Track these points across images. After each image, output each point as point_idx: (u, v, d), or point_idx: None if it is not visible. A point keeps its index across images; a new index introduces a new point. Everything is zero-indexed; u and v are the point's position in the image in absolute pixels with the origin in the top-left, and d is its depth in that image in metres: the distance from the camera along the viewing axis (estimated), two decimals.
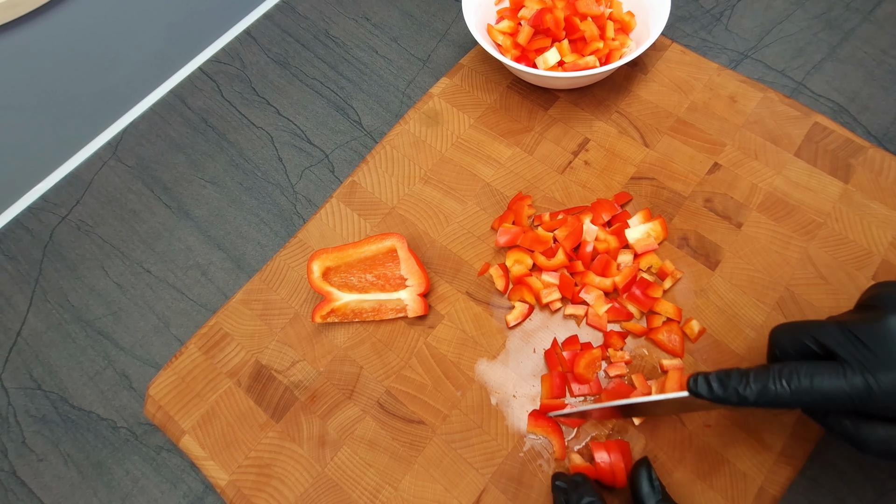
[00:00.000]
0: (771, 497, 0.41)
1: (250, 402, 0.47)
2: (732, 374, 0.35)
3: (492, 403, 0.45)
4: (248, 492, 0.44)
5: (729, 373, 0.35)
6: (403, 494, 0.43)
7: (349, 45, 0.65)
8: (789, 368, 0.34)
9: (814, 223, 0.49)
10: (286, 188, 0.58)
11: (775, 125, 0.54)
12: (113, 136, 0.62)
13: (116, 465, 0.48)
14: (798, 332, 0.36)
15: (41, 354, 0.52)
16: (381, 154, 0.56)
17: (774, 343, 0.37)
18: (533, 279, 0.48)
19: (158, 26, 0.61)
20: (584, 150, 0.55)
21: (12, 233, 0.58)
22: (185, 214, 0.57)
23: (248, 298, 0.51)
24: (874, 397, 0.32)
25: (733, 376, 0.35)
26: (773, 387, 0.34)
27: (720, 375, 0.35)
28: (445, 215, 0.53)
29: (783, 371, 0.34)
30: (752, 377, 0.34)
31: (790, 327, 0.37)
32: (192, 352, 0.49)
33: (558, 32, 0.54)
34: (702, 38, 0.61)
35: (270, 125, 0.61)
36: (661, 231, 0.49)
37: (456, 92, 0.59)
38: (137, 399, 0.50)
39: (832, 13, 0.61)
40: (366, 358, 0.48)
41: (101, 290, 0.54)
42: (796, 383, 0.33)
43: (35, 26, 0.52)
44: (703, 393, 0.36)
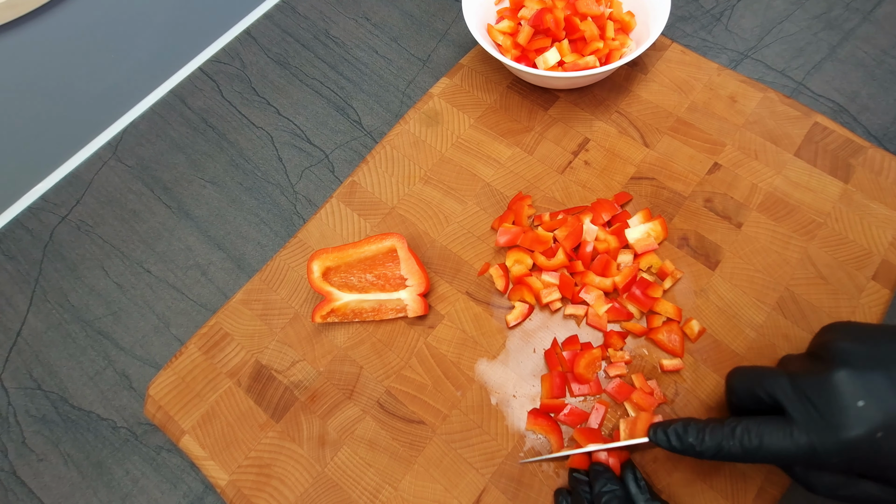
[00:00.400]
0: (771, 497, 0.41)
1: (250, 402, 0.47)
2: (690, 430, 0.36)
3: (492, 403, 0.45)
4: (248, 492, 0.44)
5: (687, 427, 0.37)
6: (403, 494, 0.43)
7: (349, 45, 0.65)
8: (742, 428, 0.35)
9: (814, 223, 0.49)
10: (286, 188, 0.58)
11: (775, 125, 0.54)
12: (113, 136, 0.62)
13: (116, 465, 0.48)
14: (751, 382, 0.37)
15: (41, 354, 0.52)
16: (381, 154, 0.56)
17: (731, 390, 0.39)
18: (533, 279, 0.48)
19: (158, 26, 0.61)
20: (584, 150, 0.55)
21: (12, 233, 0.58)
22: (185, 214, 0.57)
23: (248, 298, 0.51)
24: (818, 456, 0.33)
25: (690, 431, 0.36)
26: (725, 445, 0.35)
27: (678, 429, 0.37)
28: (445, 215, 0.53)
29: (735, 430, 0.35)
30: (707, 434, 0.36)
31: (745, 375, 0.38)
32: (192, 352, 0.49)
33: (558, 32, 0.54)
34: (702, 38, 0.61)
35: (270, 125, 0.61)
36: (661, 231, 0.49)
37: (456, 92, 0.59)
38: (137, 399, 0.50)
39: (832, 13, 0.61)
40: (366, 358, 0.48)
41: (101, 290, 0.54)
42: (747, 443, 0.34)
43: (35, 26, 0.52)
44: (662, 444, 0.37)
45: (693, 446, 0.36)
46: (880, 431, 0.31)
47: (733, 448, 0.35)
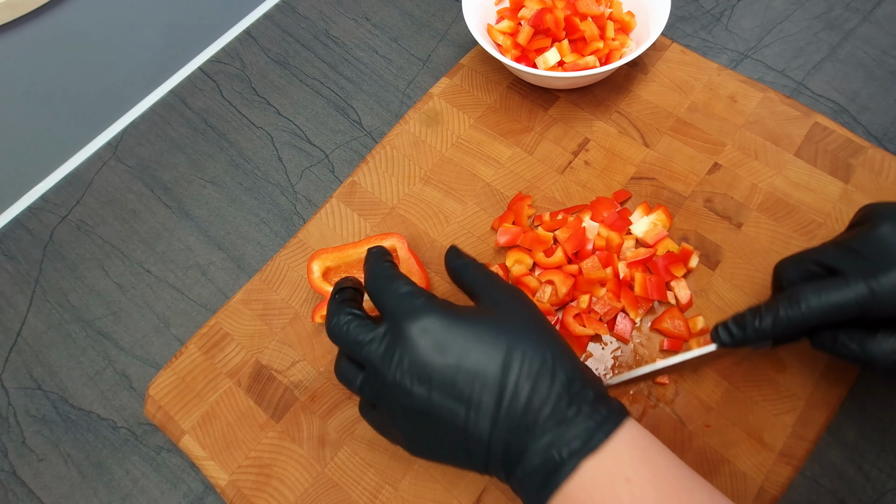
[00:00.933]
0: (771, 497, 0.41)
1: (250, 402, 0.47)
2: (747, 314, 0.37)
3: None
4: (248, 492, 0.44)
5: (743, 314, 0.38)
6: (403, 494, 0.43)
7: (349, 45, 0.65)
8: (796, 292, 0.36)
9: (814, 223, 0.49)
10: (286, 188, 0.58)
11: (775, 125, 0.54)
12: (113, 136, 0.62)
13: (116, 465, 0.48)
14: (800, 260, 0.38)
15: (41, 354, 0.52)
16: (381, 154, 0.56)
17: (780, 276, 0.39)
18: (530, 278, 0.48)
19: (158, 26, 0.61)
20: (584, 150, 0.55)
21: (12, 233, 0.58)
22: (185, 214, 0.57)
23: (248, 298, 0.51)
24: (878, 299, 0.33)
25: (747, 315, 0.37)
26: (784, 312, 0.36)
27: (736, 319, 0.38)
28: (445, 215, 0.53)
29: (791, 296, 0.36)
30: (763, 310, 0.37)
31: (792, 258, 0.39)
32: (192, 352, 0.49)
33: (558, 32, 0.54)
34: (702, 38, 0.61)
35: (270, 125, 0.61)
36: (667, 219, 0.49)
37: (456, 92, 0.59)
38: (137, 399, 0.50)
39: (832, 13, 0.61)
40: None
41: (101, 290, 0.54)
42: (805, 303, 0.35)
43: (35, 26, 0.52)
44: (726, 340, 0.38)
45: (754, 326, 0.37)
46: None
47: (792, 313, 0.35)
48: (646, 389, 0.45)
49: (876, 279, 0.33)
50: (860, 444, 0.43)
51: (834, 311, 0.34)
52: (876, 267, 0.34)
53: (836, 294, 0.34)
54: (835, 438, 0.44)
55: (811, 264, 0.37)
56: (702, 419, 0.43)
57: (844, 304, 0.34)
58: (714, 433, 0.43)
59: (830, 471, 0.43)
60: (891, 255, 0.34)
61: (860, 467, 0.43)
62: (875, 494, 0.42)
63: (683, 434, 0.43)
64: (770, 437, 0.42)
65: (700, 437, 0.43)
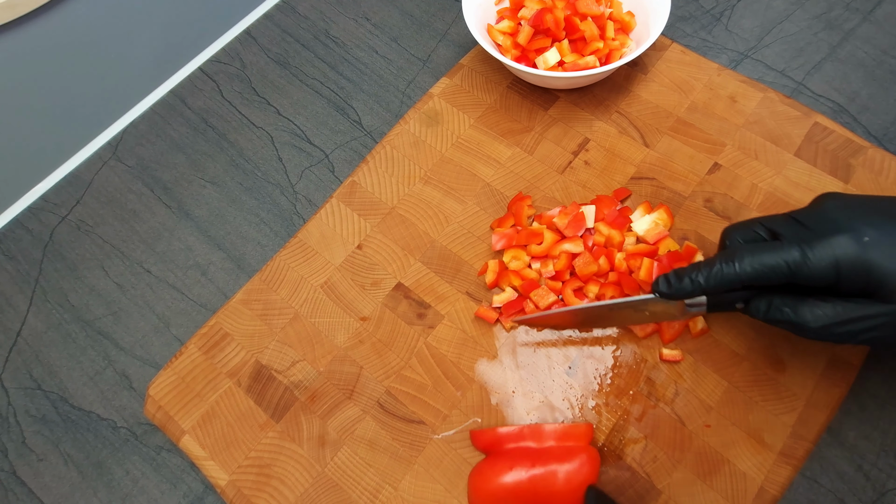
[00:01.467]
0: (771, 497, 0.41)
1: (250, 402, 0.47)
2: (688, 268, 0.39)
3: (492, 403, 0.45)
4: (248, 492, 0.44)
5: (684, 267, 0.39)
6: (403, 494, 0.43)
7: (349, 45, 0.65)
8: (734, 251, 0.37)
9: None
10: (286, 188, 0.58)
11: (775, 125, 0.54)
12: (113, 136, 0.62)
13: (116, 465, 0.48)
14: (747, 224, 0.40)
15: (41, 354, 0.52)
16: (381, 154, 0.56)
17: (726, 237, 0.40)
18: (529, 271, 0.48)
19: (158, 26, 0.61)
20: (584, 150, 0.55)
21: (12, 233, 0.58)
22: (185, 214, 0.57)
23: (248, 298, 0.51)
24: (808, 264, 0.35)
25: (688, 268, 0.38)
26: (719, 267, 0.37)
27: (676, 271, 0.39)
28: (445, 215, 0.53)
29: (728, 254, 0.37)
30: (702, 265, 0.38)
31: (739, 223, 0.40)
32: (192, 352, 0.49)
33: (558, 32, 0.54)
34: (702, 38, 0.61)
35: (270, 125, 0.61)
36: (668, 219, 0.49)
37: (456, 92, 0.59)
38: (137, 399, 0.50)
39: (832, 13, 0.61)
40: (366, 358, 0.48)
41: (101, 290, 0.54)
42: (740, 260, 0.36)
43: (35, 26, 0.52)
44: (664, 289, 0.39)
45: (689, 279, 0.38)
46: (866, 237, 0.34)
47: (727, 269, 0.37)
48: (646, 389, 0.45)
49: (809, 245, 0.35)
50: (860, 444, 0.43)
51: (766, 271, 0.36)
52: (812, 235, 0.36)
53: (769, 255, 0.36)
54: (835, 438, 0.44)
55: (757, 227, 0.39)
56: (702, 419, 0.43)
57: (776, 265, 0.35)
58: (714, 433, 0.43)
59: (830, 471, 0.43)
60: (827, 227, 0.35)
61: (860, 467, 0.43)
62: (875, 494, 0.42)
63: (683, 434, 0.43)
64: (770, 437, 0.42)
65: (700, 437, 0.43)
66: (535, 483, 0.39)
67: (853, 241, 0.34)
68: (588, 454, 0.40)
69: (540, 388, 0.45)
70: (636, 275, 0.47)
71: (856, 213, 0.36)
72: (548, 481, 0.39)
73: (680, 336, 0.46)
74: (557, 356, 0.46)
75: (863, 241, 0.34)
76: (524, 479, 0.39)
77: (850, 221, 0.35)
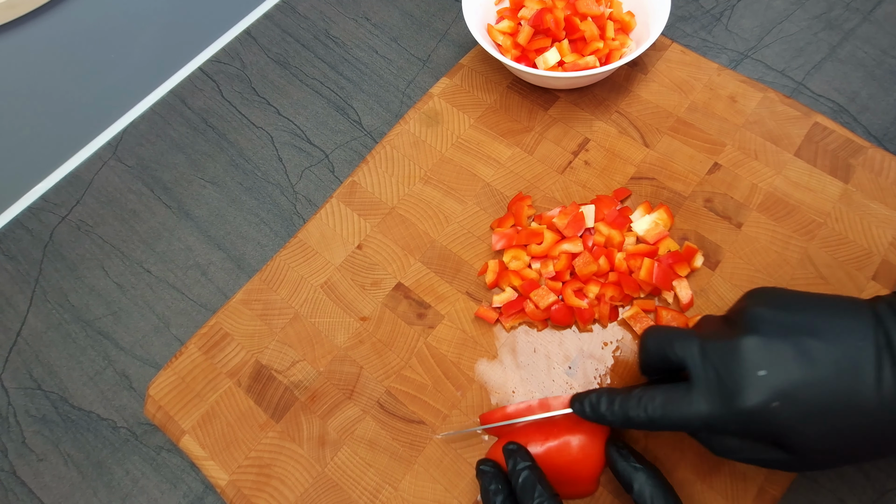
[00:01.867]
0: (771, 497, 0.41)
1: (250, 402, 0.47)
2: (602, 399, 0.37)
3: (492, 403, 0.45)
4: (248, 492, 0.44)
5: (600, 397, 0.37)
6: (403, 494, 0.43)
7: (349, 45, 0.65)
8: (647, 397, 0.35)
9: (814, 223, 0.49)
10: (286, 188, 0.58)
11: (775, 125, 0.54)
12: (113, 136, 0.62)
13: (116, 465, 0.48)
14: (663, 343, 0.37)
15: (41, 354, 0.52)
16: (381, 154, 0.56)
17: (643, 348, 0.38)
18: (529, 271, 0.48)
19: (158, 26, 0.61)
20: (584, 150, 0.55)
21: (12, 233, 0.58)
22: (185, 214, 0.57)
23: (248, 298, 0.51)
24: (716, 423, 0.33)
25: (603, 401, 0.37)
26: (632, 414, 0.36)
27: (592, 399, 0.38)
28: (445, 215, 0.53)
29: (641, 399, 0.35)
30: (617, 403, 0.36)
31: (658, 334, 0.38)
32: (192, 352, 0.49)
33: (558, 32, 0.54)
34: (702, 38, 0.61)
35: (270, 125, 0.61)
36: (668, 219, 0.49)
37: (456, 92, 0.59)
38: (137, 399, 0.50)
39: (832, 13, 0.61)
40: (366, 358, 0.48)
41: (101, 290, 0.54)
42: (651, 412, 0.35)
43: (35, 26, 0.52)
44: (579, 412, 0.38)
45: (605, 416, 0.37)
46: (776, 401, 0.32)
47: (639, 417, 0.35)
48: None
49: (717, 405, 0.33)
50: None
51: (677, 427, 0.35)
52: (721, 391, 0.33)
53: (679, 412, 0.34)
54: None
55: (670, 353, 0.36)
56: None
57: (686, 423, 0.34)
58: None
59: (830, 471, 0.43)
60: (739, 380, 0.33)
61: (860, 467, 0.43)
62: (875, 494, 0.42)
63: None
64: None
65: None
66: (551, 455, 0.40)
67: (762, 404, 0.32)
68: None
69: (540, 388, 0.45)
70: (636, 275, 0.47)
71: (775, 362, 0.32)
72: (563, 452, 0.40)
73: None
74: (557, 356, 0.46)
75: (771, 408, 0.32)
76: (541, 452, 0.40)
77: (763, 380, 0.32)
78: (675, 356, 0.36)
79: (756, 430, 0.33)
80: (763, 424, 0.32)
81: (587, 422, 0.40)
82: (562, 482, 0.40)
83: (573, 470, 0.40)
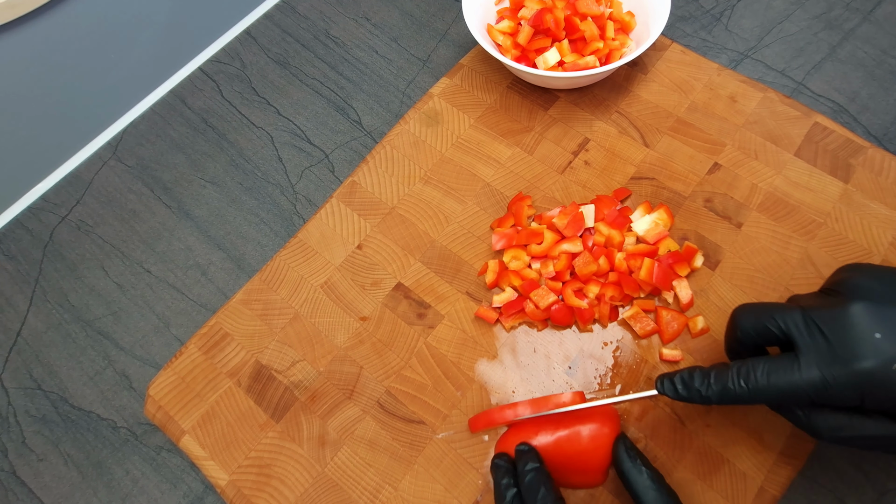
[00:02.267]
0: (771, 497, 0.41)
1: (250, 402, 0.47)
2: (695, 376, 0.36)
3: (492, 403, 0.45)
4: (248, 492, 0.44)
5: (692, 374, 0.36)
6: (403, 494, 0.43)
7: (349, 45, 0.65)
8: (747, 368, 0.34)
9: (814, 223, 0.49)
10: (286, 188, 0.58)
11: (775, 125, 0.54)
12: (113, 136, 0.62)
13: (116, 465, 0.48)
14: (762, 315, 0.36)
15: (41, 354, 0.52)
16: (381, 154, 0.56)
17: (736, 325, 0.37)
18: (529, 271, 0.48)
19: (158, 26, 0.61)
20: (584, 150, 0.55)
21: (12, 233, 0.58)
22: (185, 214, 0.57)
23: (248, 298, 0.51)
24: (829, 391, 0.32)
25: (696, 377, 0.36)
26: (732, 387, 0.35)
27: (684, 377, 0.36)
28: (445, 215, 0.53)
29: (741, 371, 0.34)
30: (712, 377, 0.35)
31: (753, 309, 0.37)
32: (192, 352, 0.49)
33: (558, 32, 0.54)
34: (702, 38, 0.61)
35: (270, 125, 0.61)
36: (668, 219, 0.49)
37: (456, 92, 0.59)
38: (137, 399, 0.50)
39: (832, 13, 0.61)
40: (366, 358, 0.48)
41: (101, 290, 0.54)
42: (753, 382, 0.34)
43: (35, 26, 0.52)
44: (669, 394, 0.37)
45: (699, 391, 0.35)
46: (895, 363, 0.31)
47: (739, 390, 0.34)
48: (646, 389, 0.44)
49: (832, 370, 0.32)
50: None
51: (783, 397, 0.33)
52: (835, 355, 0.32)
53: (787, 380, 0.33)
54: None
55: (772, 325, 0.35)
56: (702, 419, 0.43)
57: (795, 392, 0.33)
58: (714, 433, 0.43)
59: (830, 471, 0.43)
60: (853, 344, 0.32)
61: (860, 467, 0.43)
62: (875, 494, 0.42)
63: (683, 434, 0.43)
64: (770, 437, 0.42)
65: (700, 437, 0.43)
66: (560, 444, 0.40)
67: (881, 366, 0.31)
68: (607, 412, 0.40)
69: (540, 388, 0.45)
70: (636, 275, 0.47)
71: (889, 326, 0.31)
72: (573, 441, 0.40)
73: (680, 336, 0.46)
74: (557, 356, 0.46)
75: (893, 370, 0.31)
76: (550, 441, 0.40)
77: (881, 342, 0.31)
78: (777, 327, 0.35)
79: (872, 398, 0.32)
80: (882, 389, 0.31)
81: (597, 413, 0.40)
82: (570, 471, 0.40)
83: (582, 460, 0.40)
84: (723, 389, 0.35)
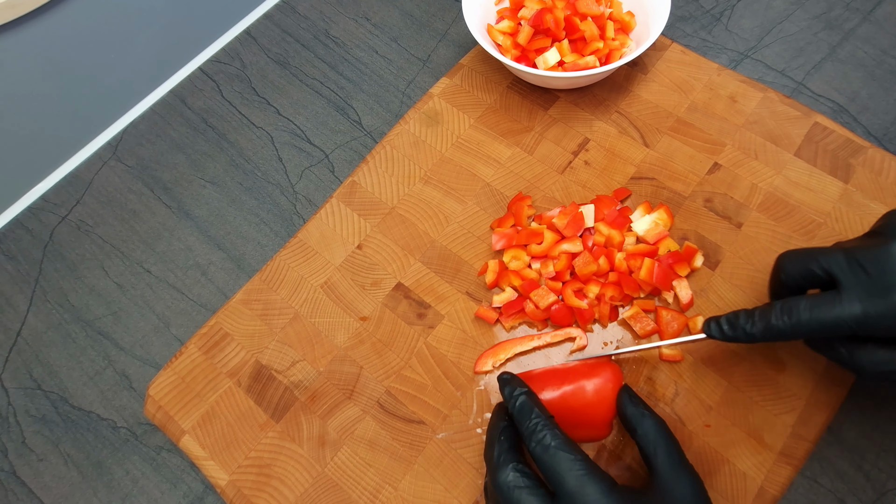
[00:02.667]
0: (771, 497, 0.41)
1: (250, 402, 0.47)
2: (741, 315, 0.38)
3: (492, 403, 0.45)
4: (248, 492, 0.44)
5: (738, 314, 0.38)
6: (403, 494, 0.43)
7: (349, 45, 0.65)
8: (790, 304, 0.36)
9: (814, 223, 0.49)
10: (286, 188, 0.58)
11: (775, 125, 0.54)
12: (113, 136, 0.62)
13: (116, 465, 0.48)
14: (805, 258, 0.38)
15: (41, 354, 0.52)
16: (381, 154, 0.56)
17: (781, 268, 0.39)
18: (529, 271, 0.48)
19: (158, 26, 0.61)
20: (584, 150, 0.55)
21: (12, 233, 0.58)
22: (185, 214, 0.57)
23: (248, 298, 0.51)
24: (870, 321, 0.33)
25: (741, 316, 0.38)
26: (775, 322, 0.36)
27: (729, 318, 0.39)
28: (445, 215, 0.53)
29: (784, 307, 0.36)
30: (757, 315, 0.37)
31: (797, 253, 0.39)
32: (192, 352, 0.49)
33: (558, 32, 0.54)
34: (702, 38, 0.61)
35: (270, 125, 0.61)
36: (668, 219, 0.49)
37: (456, 92, 0.59)
38: (137, 399, 0.50)
39: (832, 13, 0.61)
40: (366, 358, 0.48)
41: (101, 290, 0.54)
42: (797, 316, 0.35)
43: (35, 26, 0.52)
44: (716, 335, 0.39)
45: (744, 329, 0.37)
46: None
47: (783, 325, 0.36)
48: (646, 389, 0.45)
49: (872, 301, 0.33)
50: (860, 444, 0.43)
51: (825, 330, 0.35)
52: (875, 288, 0.33)
53: (829, 312, 0.34)
54: (835, 438, 0.44)
55: (815, 266, 0.37)
56: (702, 419, 0.43)
57: (836, 324, 0.34)
58: (714, 433, 0.43)
59: (830, 471, 0.43)
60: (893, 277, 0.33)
61: (860, 467, 0.43)
62: (875, 494, 0.42)
63: (683, 434, 0.43)
64: (770, 437, 0.42)
65: (700, 437, 0.43)
66: (566, 399, 0.40)
67: None
68: (611, 368, 0.41)
69: None
70: (636, 275, 0.47)
71: None
72: (578, 396, 0.40)
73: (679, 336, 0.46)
74: (558, 356, 0.46)
75: None
76: (556, 396, 0.40)
77: None
78: (820, 268, 0.36)
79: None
80: None
81: (602, 367, 0.41)
82: (576, 425, 0.40)
83: (588, 413, 0.40)
84: (767, 325, 0.36)
